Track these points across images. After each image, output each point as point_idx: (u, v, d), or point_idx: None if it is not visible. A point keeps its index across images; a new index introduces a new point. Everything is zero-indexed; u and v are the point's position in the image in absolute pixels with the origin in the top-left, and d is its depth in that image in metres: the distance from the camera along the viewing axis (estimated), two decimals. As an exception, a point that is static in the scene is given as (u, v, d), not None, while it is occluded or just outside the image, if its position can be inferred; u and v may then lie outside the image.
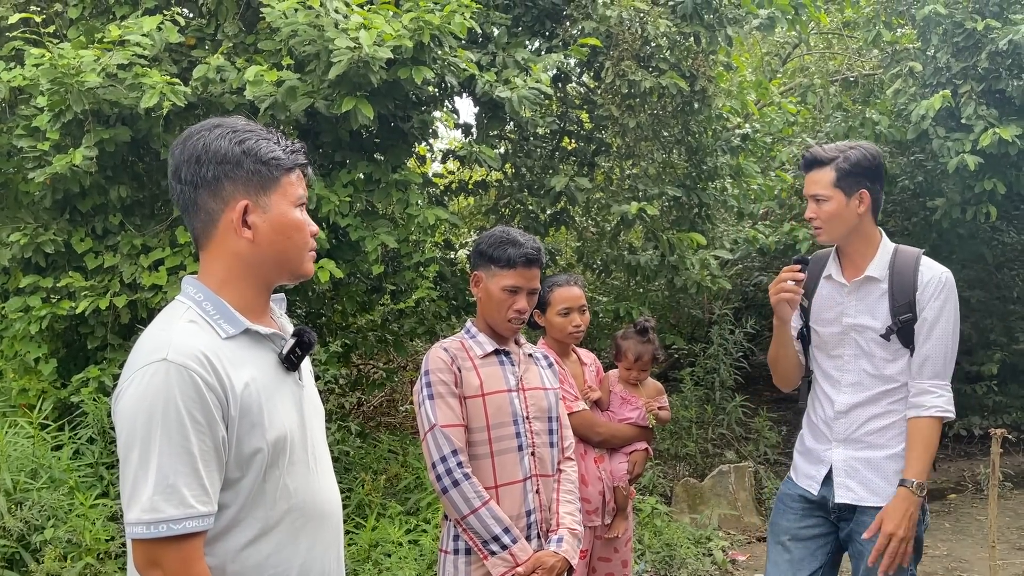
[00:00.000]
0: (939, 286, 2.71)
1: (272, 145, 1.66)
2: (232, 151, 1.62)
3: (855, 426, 2.77)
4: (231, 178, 1.62)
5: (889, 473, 2.73)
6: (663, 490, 6.37)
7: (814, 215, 2.76)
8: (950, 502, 6.93)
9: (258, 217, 1.64)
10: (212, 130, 1.65)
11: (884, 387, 2.74)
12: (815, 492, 2.83)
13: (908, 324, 2.70)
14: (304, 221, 1.70)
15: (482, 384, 2.53)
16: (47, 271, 4.99)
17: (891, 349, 2.73)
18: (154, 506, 1.47)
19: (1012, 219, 8.43)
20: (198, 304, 1.63)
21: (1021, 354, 8.26)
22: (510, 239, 2.56)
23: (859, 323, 2.76)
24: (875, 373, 2.75)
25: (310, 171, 1.77)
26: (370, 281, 5.91)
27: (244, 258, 1.65)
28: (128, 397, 1.52)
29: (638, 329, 3.46)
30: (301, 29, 4.32)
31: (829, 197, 2.73)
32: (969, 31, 6.58)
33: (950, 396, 2.71)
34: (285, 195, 1.67)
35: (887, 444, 2.74)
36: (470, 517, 2.43)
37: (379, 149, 5.29)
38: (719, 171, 6.52)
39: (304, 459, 1.69)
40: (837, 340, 2.81)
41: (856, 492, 2.75)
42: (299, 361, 1.72)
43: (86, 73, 4.29)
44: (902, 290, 2.71)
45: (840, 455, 2.78)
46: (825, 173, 2.74)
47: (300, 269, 1.72)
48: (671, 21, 5.61)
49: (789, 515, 2.90)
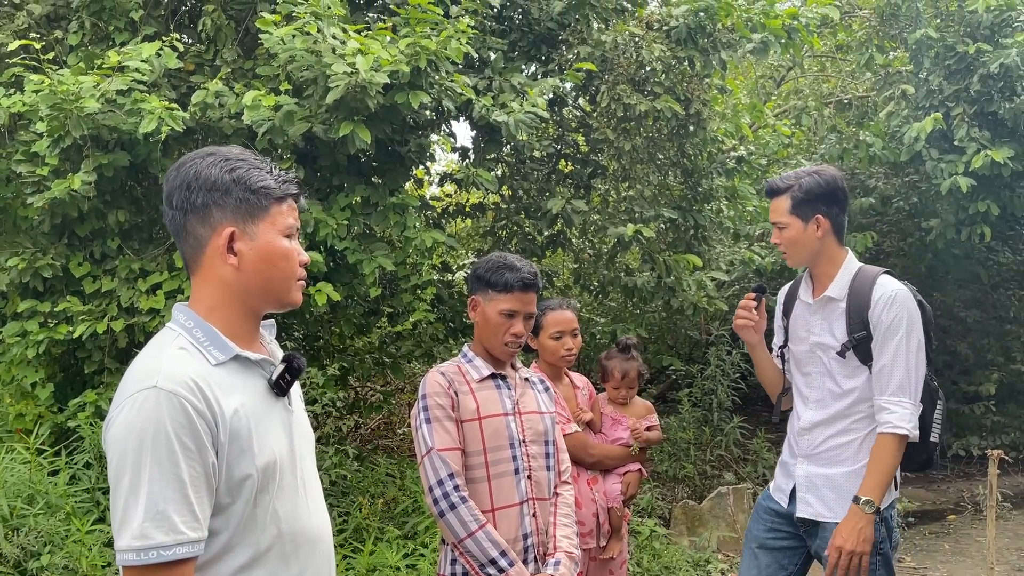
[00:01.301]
0: (889, 301, 2.74)
1: (263, 174, 1.68)
2: (222, 179, 1.64)
3: (816, 442, 2.86)
4: (219, 205, 1.64)
5: (845, 491, 2.80)
6: (661, 512, 6.34)
7: (777, 241, 2.90)
8: (949, 523, 6.91)
9: (244, 244, 1.65)
10: (205, 158, 1.67)
11: (842, 404, 2.82)
12: (784, 505, 2.94)
13: (863, 341, 2.77)
14: (292, 250, 1.70)
15: (479, 408, 2.54)
16: (45, 296, 4.99)
17: (849, 367, 2.80)
18: (144, 533, 1.47)
19: (1007, 239, 8.48)
20: (188, 331, 1.65)
21: (1018, 374, 8.28)
22: (507, 264, 2.58)
23: (822, 341, 2.86)
24: (836, 391, 2.83)
25: (303, 201, 1.77)
26: (367, 304, 5.92)
27: (230, 285, 1.67)
28: (118, 424, 1.53)
29: (621, 347, 3.51)
30: (299, 55, 4.36)
31: (787, 224, 2.84)
32: (961, 54, 6.65)
33: (906, 411, 2.69)
34: (273, 224, 1.67)
35: (846, 461, 2.81)
36: (467, 540, 2.43)
37: (377, 173, 5.32)
38: (714, 193, 6.57)
39: (293, 484, 1.70)
40: (807, 358, 2.91)
41: (814, 507, 2.84)
42: (288, 386, 1.73)
43: (85, 99, 4.32)
44: (857, 308, 2.78)
45: (803, 470, 2.89)
46: (782, 201, 2.85)
47: (287, 298, 1.72)
48: (665, 46, 5.67)
49: (760, 524, 3.00)
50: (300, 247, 1.75)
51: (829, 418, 2.83)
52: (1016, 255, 8.46)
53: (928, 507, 7.23)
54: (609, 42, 5.59)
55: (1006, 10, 6.70)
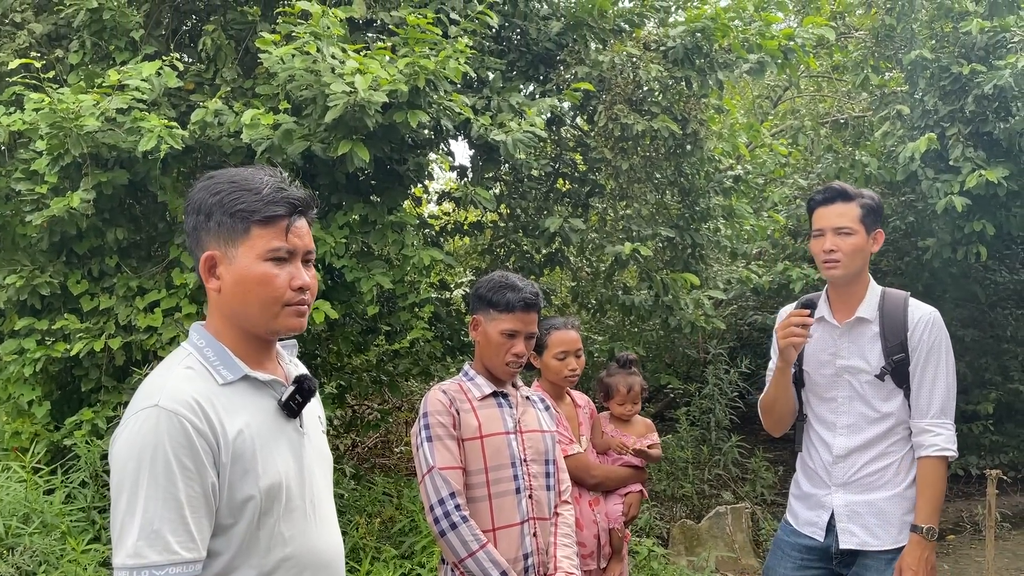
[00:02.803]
0: (928, 324, 2.74)
1: (248, 196, 1.63)
2: (206, 202, 1.65)
3: (854, 469, 2.76)
4: (204, 229, 1.65)
5: (891, 515, 2.72)
6: (660, 532, 6.32)
7: (835, 248, 2.74)
8: (948, 543, 6.88)
9: (224, 268, 1.65)
10: (204, 181, 1.68)
11: (880, 429, 2.74)
12: (820, 539, 2.81)
13: (901, 364, 2.72)
14: (270, 275, 1.63)
15: (480, 426, 2.53)
16: (42, 313, 4.98)
17: (885, 390, 2.73)
18: (138, 551, 1.48)
19: (1004, 259, 8.50)
20: (199, 350, 1.65)
21: (1016, 393, 8.27)
22: (509, 284, 2.58)
23: (852, 365, 2.77)
24: (870, 415, 2.75)
25: (301, 222, 1.68)
26: (365, 322, 5.91)
27: (220, 308, 1.68)
28: (121, 442, 1.54)
29: (621, 363, 3.50)
30: (298, 74, 4.38)
31: (855, 231, 2.75)
32: (955, 75, 6.70)
33: (950, 434, 2.71)
34: (252, 247, 1.63)
35: (886, 485, 2.74)
36: (468, 560, 2.41)
37: (375, 191, 5.33)
38: (712, 212, 6.59)
39: (302, 507, 1.68)
40: (830, 383, 2.81)
41: (859, 536, 2.74)
42: (299, 408, 1.71)
43: (85, 117, 4.34)
44: (893, 331, 2.73)
45: (841, 500, 2.77)
46: (851, 207, 2.76)
47: (272, 324, 1.66)
48: (663, 66, 5.71)
49: (787, 562, 2.87)
50: (300, 270, 1.67)
51: (866, 443, 2.75)
52: (1013, 274, 8.48)
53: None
54: (606, 62, 5.62)
55: (1000, 31, 6.76)
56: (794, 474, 3.00)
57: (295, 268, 1.67)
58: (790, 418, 2.95)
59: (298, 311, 1.68)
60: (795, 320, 2.71)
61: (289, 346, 1.81)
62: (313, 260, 1.73)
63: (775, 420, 2.96)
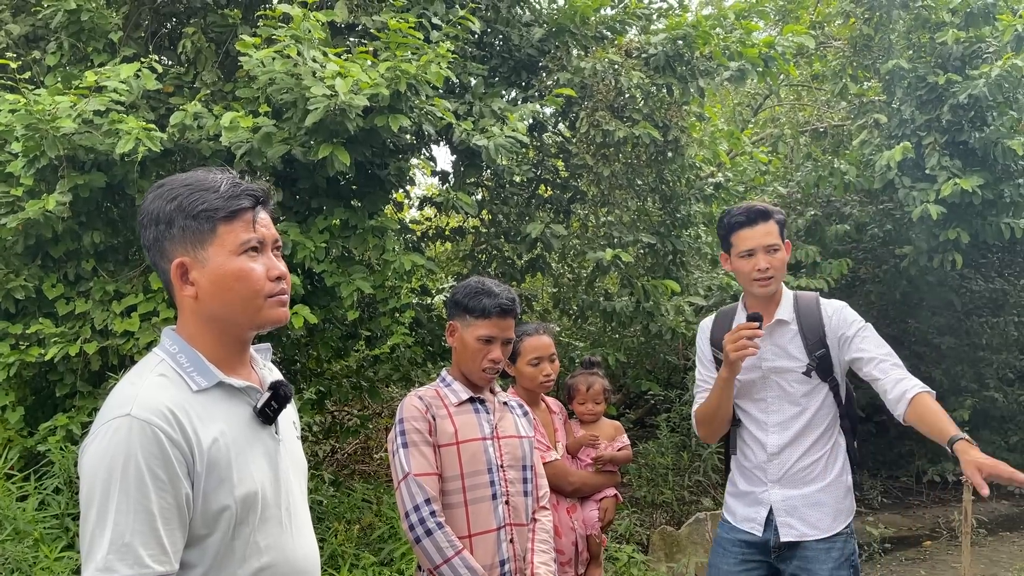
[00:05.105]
0: (840, 311, 2.91)
1: (208, 195, 1.61)
2: (164, 210, 1.61)
3: (788, 465, 2.89)
4: (168, 238, 1.62)
5: (826, 504, 2.86)
6: (640, 538, 6.31)
7: (769, 265, 2.87)
8: (925, 549, 6.93)
9: (198, 272, 1.61)
10: (156, 191, 1.64)
11: (808, 424, 2.88)
12: (758, 534, 2.92)
13: (824, 359, 2.87)
14: (248, 269, 1.61)
15: (456, 432, 2.52)
16: (17, 317, 4.92)
17: (811, 385, 2.88)
18: (108, 565, 1.44)
19: (980, 267, 8.59)
20: (172, 356, 1.62)
21: (992, 400, 8.36)
22: (485, 289, 2.57)
23: (778, 366, 2.90)
24: (798, 412, 2.88)
25: (264, 213, 1.67)
26: (345, 327, 5.88)
27: (197, 313, 1.64)
28: (91, 453, 1.50)
29: (585, 364, 3.57)
30: (278, 77, 4.36)
31: (780, 247, 2.90)
32: (932, 85, 6.77)
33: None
34: (223, 245, 1.60)
35: (818, 477, 2.88)
36: (443, 567, 2.40)
37: (356, 195, 5.31)
38: (692, 219, 6.62)
39: (277, 516, 1.65)
40: (759, 385, 2.94)
41: (798, 529, 2.87)
42: (275, 415, 1.68)
43: (61, 119, 4.29)
44: (811, 329, 2.88)
45: (778, 495, 2.89)
46: (772, 225, 2.90)
47: (257, 318, 1.64)
48: (644, 73, 5.73)
49: (729, 558, 2.98)
50: (274, 260, 1.66)
51: (795, 438, 2.88)
52: (988, 283, 8.58)
53: (904, 533, 7.26)
54: (588, 69, 5.64)
55: (975, 42, 6.85)
56: (730, 474, 3.10)
57: (268, 259, 1.65)
58: (727, 425, 3.03)
59: (280, 301, 1.66)
60: (746, 332, 2.80)
61: (263, 350, 1.78)
62: (281, 250, 1.71)
63: (714, 429, 3.04)
